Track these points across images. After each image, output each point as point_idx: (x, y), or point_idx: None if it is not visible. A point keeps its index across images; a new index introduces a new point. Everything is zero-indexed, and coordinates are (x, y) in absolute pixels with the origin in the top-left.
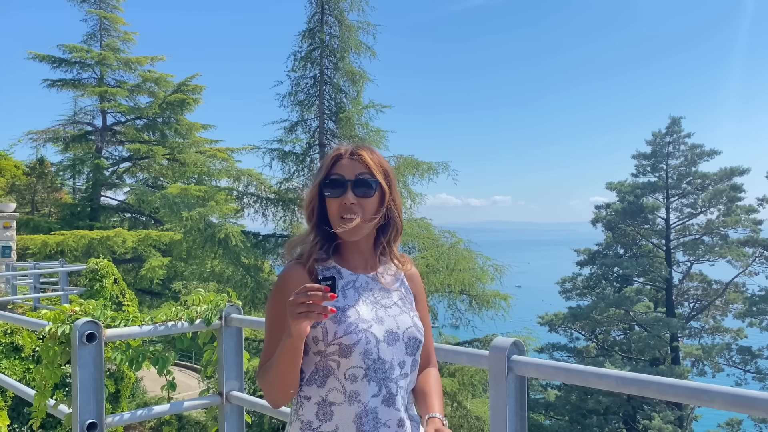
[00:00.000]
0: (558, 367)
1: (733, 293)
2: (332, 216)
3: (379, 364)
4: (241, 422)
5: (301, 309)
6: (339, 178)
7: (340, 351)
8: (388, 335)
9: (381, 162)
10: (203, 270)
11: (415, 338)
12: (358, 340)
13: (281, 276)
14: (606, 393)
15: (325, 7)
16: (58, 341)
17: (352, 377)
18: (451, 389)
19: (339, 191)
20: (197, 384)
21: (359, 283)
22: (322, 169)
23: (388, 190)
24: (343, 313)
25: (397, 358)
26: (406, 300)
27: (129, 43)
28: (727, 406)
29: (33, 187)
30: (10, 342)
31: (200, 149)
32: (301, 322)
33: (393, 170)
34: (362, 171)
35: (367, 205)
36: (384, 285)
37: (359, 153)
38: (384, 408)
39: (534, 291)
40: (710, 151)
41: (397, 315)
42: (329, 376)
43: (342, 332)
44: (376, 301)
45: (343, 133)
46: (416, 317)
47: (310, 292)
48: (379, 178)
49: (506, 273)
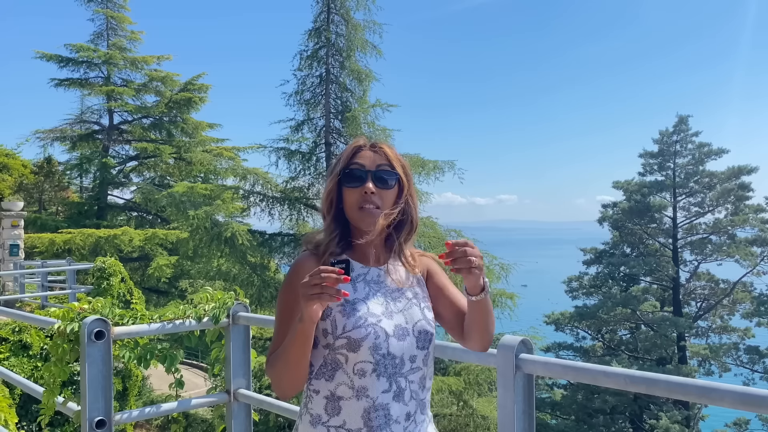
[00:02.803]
0: (566, 365)
1: (741, 293)
2: (351, 206)
3: (389, 359)
4: (249, 420)
5: (314, 291)
6: (359, 168)
7: (348, 345)
8: (398, 330)
9: (400, 157)
10: (210, 268)
11: (426, 331)
12: (366, 335)
13: (294, 265)
14: (612, 392)
15: (332, 6)
16: (66, 339)
17: (361, 372)
18: (456, 388)
19: (359, 182)
20: (204, 382)
21: (370, 276)
22: (342, 160)
23: (407, 185)
24: (353, 307)
25: (408, 353)
26: (419, 293)
27: (136, 42)
28: (736, 405)
29: (40, 185)
30: (18, 340)
31: (207, 148)
32: (313, 304)
33: (410, 167)
34: (382, 163)
35: (386, 197)
36: (395, 278)
37: (380, 146)
38: (395, 404)
39: (540, 290)
40: (718, 150)
41: (407, 309)
42: (338, 370)
43: (351, 326)
44: (387, 295)
45: (350, 132)
46: (427, 309)
47: (323, 274)
48: (399, 172)
49: (512, 272)
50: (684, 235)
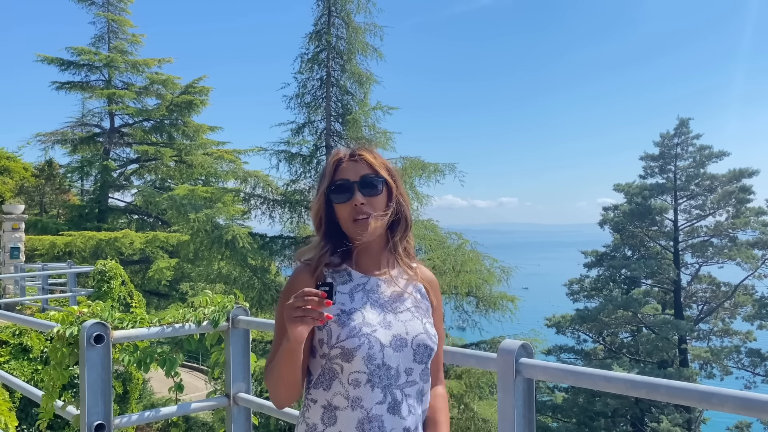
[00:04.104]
0: (567, 369)
1: (743, 295)
2: (345, 221)
3: (383, 370)
4: (248, 424)
5: (297, 313)
6: (344, 182)
7: (342, 355)
8: (395, 340)
9: (382, 159)
10: (210, 271)
11: (425, 345)
12: (360, 344)
13: (289, 280)
14: (614, 395)
15: (332, 9)
16: (66, 342)
17: (355, 382)
18: (458, 391)
19: (346, 195)
20: (204, 385)
21: (369, 286)
22: (326, 177)
23: (395, 185)
24: (348, 317)
25: (403, 365)
26: (421, 306)
27: (137, 45)
28: (738, 411)
29: (41, 188)
30: (18, 343)
31: (207, 151)
32: (297, 327)
33: (394, 166)
34: (366, 171)
35: (376, 203)
36: (397, 289)
37: (359, 154)
38: (389, 416)
39: (541, 293)
40: (719, 153)
41: (407, 320)
42: (334, 380)
43: (345, 335)
44: (386, 305)
45: (350, 135)
46: (429, 324)
47: (306, 297)
48: (384, 175)
49: (513, 274)
50: (685, 237)
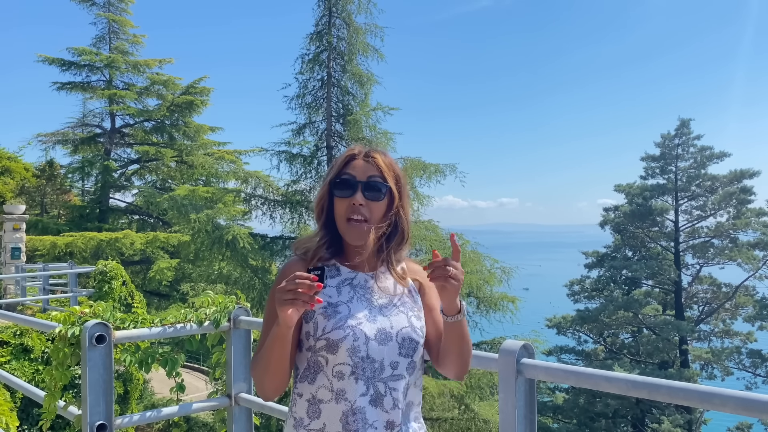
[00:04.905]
0: (568, 370)
1: (743, 296)
2: (339, 217)
3: (367, 363)
4: (250, 424)
5: (288, 296)
6: (350, 178)
7: (327, 346)
8: (379, 334)
9: (394, 167)
10: (211, 272)
11: (410, 339)
12: (345, 336)
13: (282, 269)
14: (615, 396)
15: (333, 10)
16: (68, 343)
17: (339, 374)
18: (458, 392)
19: (349, 192)
20: (205, 386)
21: (357, 281)
22: (334, 168)
23: (398, 196)
24: (335, 309)
25: (388, 358)
26: (409, 300)
27: (138, 45)
28: (739, 411)
29: (42, 189)
30: (19, 343)
31: (208, 151)
32: (287, 310)
33: (405, 176)
34: (374, 174)
35: (375, 209)
36: (382, 286)
37: (373, 156)
38: (371, 408)
39: (542, 293)
40: (720, 153)
41: (392, 315)
42: (319, 373)
43: (330, 327)
44: (372, 300)
45: (351, 135)
46: (415, 318)
47: (298, 281)
48: (390, 183)
49: (514, 275)
50: (686, 238)
